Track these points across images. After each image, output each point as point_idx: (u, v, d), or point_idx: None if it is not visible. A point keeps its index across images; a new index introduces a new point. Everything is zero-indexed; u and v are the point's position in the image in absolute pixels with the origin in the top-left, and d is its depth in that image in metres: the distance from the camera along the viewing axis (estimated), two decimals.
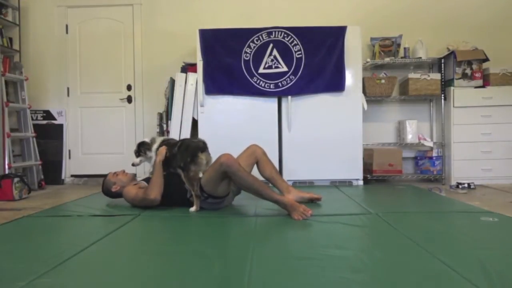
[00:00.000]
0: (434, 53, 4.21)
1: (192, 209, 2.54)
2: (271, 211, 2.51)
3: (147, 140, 2.85)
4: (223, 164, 2.35)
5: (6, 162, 3.76)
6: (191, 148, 2.54)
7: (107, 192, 2.89)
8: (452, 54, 3.99)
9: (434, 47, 4.25)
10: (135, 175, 3.04)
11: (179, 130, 3.89)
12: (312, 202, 2.80)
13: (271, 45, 3.77)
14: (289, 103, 3.81)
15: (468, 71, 3.98)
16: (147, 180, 2.76)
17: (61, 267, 1.52)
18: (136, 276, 1.46)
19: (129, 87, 4.57)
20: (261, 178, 2.73)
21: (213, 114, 3.84)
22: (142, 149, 2.81)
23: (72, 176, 4.59)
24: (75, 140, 4.59)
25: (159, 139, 2.85)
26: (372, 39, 4.23)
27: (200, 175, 2.50)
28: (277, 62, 3.78)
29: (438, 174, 4.13)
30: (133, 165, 2.85)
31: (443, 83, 4.09)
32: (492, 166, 3.95)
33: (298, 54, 3.77)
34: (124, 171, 2.94)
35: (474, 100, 3.96)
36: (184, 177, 2.53)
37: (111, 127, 4.58)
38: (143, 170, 4.41)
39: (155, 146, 2.80)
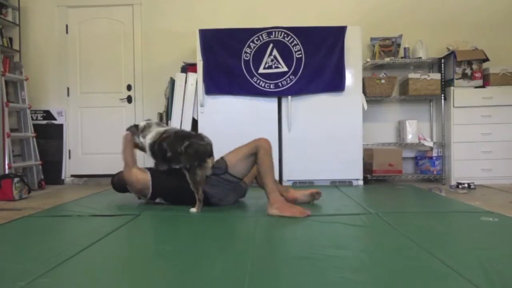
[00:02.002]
0: (434, 53, 4.21)
1: (193, 210, 2.53)
2: None
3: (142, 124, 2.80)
4: (260, 146, 2.50)
5: (6, 162, 3.76)
6: (200, 153, 2.51)
7: (118, 181, 2.86)
8: (452, 54, 3.99)
9: (434, 47, 4.25)
10: None
11: None
12: (314, 199, 2.80)
13: (271, 45, 3.77)
14: (289, 103, 3.81)
15: (468, 71, 3.98)
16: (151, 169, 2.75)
17: (61, 267, 1.52)
18: (136, 276, 1.46)
19: (129, 87, 4.57)
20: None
21: (213, 114, 3.84)
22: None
23: (72, 176, 4.59)
24: (75, 140, 4.59)
25: (155, 131, 2.73)
26: (372, 39, 4.23)
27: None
28: (277, 62, 3.78)
29: (438, 174, 4.13)
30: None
31: (443, 83, 4.09)
32: (492, 166, 3.95)
33: (298, 54, 3.77)
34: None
35: (474, 100, 3.96)
36: (189, 178, 2.53)
37: (111, 127, 4.57)
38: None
39: (149, 137, 2.70)
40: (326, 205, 2.79)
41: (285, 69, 3.78)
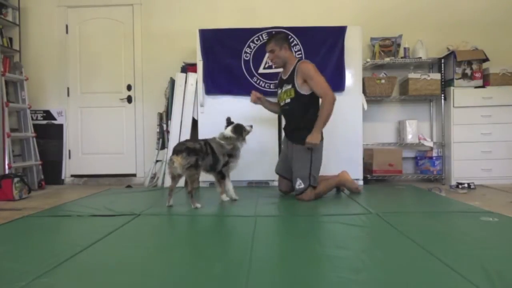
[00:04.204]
0: (434, 53, 4.21)
1: (196, 205, 2.67)
2: (271, 211, 2.51)
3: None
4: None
5: (6, 162, 3.76)
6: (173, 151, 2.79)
7: None
8: (452, 54, 3.99)
9: (434, 47, 4.24)
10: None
11: (179, 130, 3.89)
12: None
13: None
14: None
15: (468, 71, 3.98)
16: None
17: (60, 267, 1.53)
18: (136, 276, 1.46)
19: (129, 87, 4.57)
20: None
21: (213, 114, 3.83)
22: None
23: (72, 176, 4.58)
24: (75, 140, 4.59)
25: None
26: (372, 39, 4.23)
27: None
28: None
29: (438, 174, 4.13)
30: None
31: (443, 83, 4.08)
32: (492, 166, 3.95)
33: (298, 54, 3.76)
34: None
35: (474, 100, 3.96)
36: None
37: (111, 127, 4.57)
38: (143, 169, 4.41)
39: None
40: (326, 205, 2.79)
41: None
